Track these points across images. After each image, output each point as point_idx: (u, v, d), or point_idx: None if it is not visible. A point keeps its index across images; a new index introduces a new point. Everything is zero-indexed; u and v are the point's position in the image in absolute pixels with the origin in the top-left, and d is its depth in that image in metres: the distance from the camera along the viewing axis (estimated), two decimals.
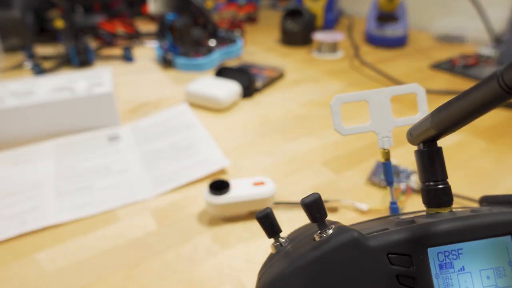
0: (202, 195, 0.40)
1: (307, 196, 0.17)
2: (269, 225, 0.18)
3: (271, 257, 0.19)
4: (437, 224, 0.17)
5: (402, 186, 0.40)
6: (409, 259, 0.16)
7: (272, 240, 0.19)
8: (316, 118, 0.57)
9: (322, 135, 0.52)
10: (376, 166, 0.44)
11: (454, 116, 0.16)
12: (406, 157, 0.45)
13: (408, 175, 0.41)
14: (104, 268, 0.32)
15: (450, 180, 0.19)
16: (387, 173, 0.21)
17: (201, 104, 0.60)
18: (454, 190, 0.38)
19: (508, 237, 0.17)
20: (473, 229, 0.17)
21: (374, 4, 0.89)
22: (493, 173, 0.43)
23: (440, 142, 0.19)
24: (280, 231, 0.19)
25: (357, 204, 0.38)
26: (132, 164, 0.46)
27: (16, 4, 0.82)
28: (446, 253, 0.17)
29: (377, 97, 0.21)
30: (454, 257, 0.17)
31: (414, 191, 0.40)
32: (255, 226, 0.36)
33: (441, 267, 0.17)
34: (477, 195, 0.39)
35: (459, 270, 0.17)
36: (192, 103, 0.60)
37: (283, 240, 0.19)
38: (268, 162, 0.46)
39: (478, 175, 0.43)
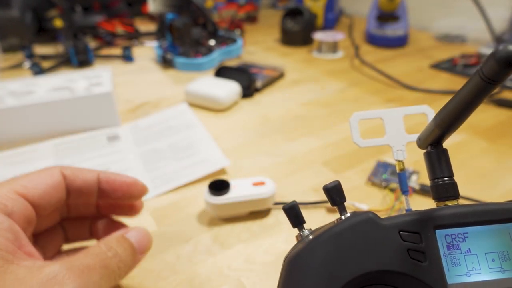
0: (202, 195, 0.40)
1: (329, 183, 0.20)
2: (295, 215, 0.20)
3: (295, 245, 0.20)
4: (444, 209, 0.19)
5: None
6: (418, 236, 0.18)
7: (296, 231, 0.21)
8: (316, 118, 0.57)
9: (322, 135, 0.52)
10: (376, 166, 0.43)
11: (451, 113, 0.17)
12: (407, 158, 0.45)
13: (409, 175, 0.41)
14: None
15: None
16: (402, 183, 0.23)
17: (201, 104, 0.59)
18: None
19: (511, 224, 0.18)
20: (478, 215, 0.18)
21: (375, 3, 0.88)
22: (493, 173, 0.43)
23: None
24: (304, 222, 0.20)
25: (357, 204, 0.38)
26: (131, 164, 0.46)
27: (15, 3, 0.82)
28: (453, 236, 0.18)
29: (391, 115, 0.24)
30: (461, 239, 0.18)
31: (414, 191, 0.40)
32: (255, 226, 0.36)
33: (448, 248, 0.18)
34: (478, 195, 0.38)
35: (465, 252, 0.18)
36: (192, 103, 0.60)
37: (307, 230, 0.20)
38: (268, 162, 0.46)
39: (478, 175, 0.43)
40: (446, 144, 0.21)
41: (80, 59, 0.75)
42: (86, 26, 0.92)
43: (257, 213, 0.38)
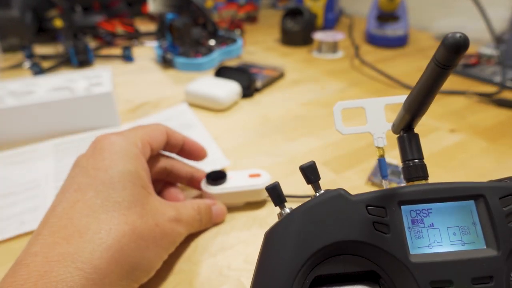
0: (202, 194, 0.40)
1: (304, 163, 0.22)
2: (277, 195, 0.22)
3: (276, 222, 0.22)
4: (410, 187, 0.20)
5: (403, 186, 0.39)
6: (383, 211, 0.20)
7: (278, 209, 0.22)
8: (316, 118, 0.57)
9: (322, 135, 0.52)
10: (376, 166, 0.43)
11: (415, 98, 0.18)
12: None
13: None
14: None
15: (450, 180, 0.21)
16: (381, 168, 0.24)
17: (201, 104, 0.59)
18: None
19: (472, 201, 0.20)
20: (441, 192, 0.20)
21: (375, 3, 0.88)
22: (493, 173, 0.43)
23: (441, 142, 0.20)
24: (285, 201, 0.22)
25: None
26: None
27: (15, 3, 0.82)
28: (418, 211, 0.20)
29: (373, 105, 0.25)
30: (425, 215, 0.20)
31: None
32: (254, 227, 0.36)
33: (413, 222, 0.20)
34: None
35: (428, 226, 0.20)
36: (191, 103, 0.60)
37: (287, 208, 0.22)
38: (268, 162, 0.46)
39: (478, 175, 0.43)
40: (445, 144, 0.22)
41: (80, 59, 0.75)
42: (86, 26, 0.92)
43: (257, 213, 0.38)
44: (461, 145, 0.48)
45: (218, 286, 0.30)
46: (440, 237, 0.19)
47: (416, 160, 0.21)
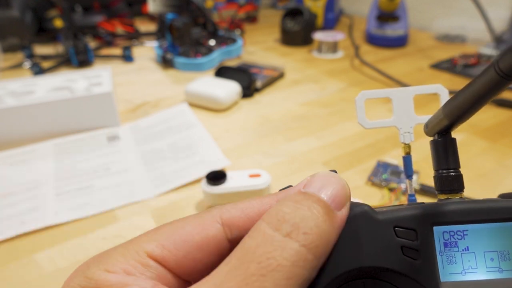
0: (202, 195, 0.40)
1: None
2: None
3: None
4: (445, 205, 0.18)
5: (403, 186, 0.39)
6: (414, 233, 0.17)
7: None
8: (316, 118, 0.57)
9: (322, 135, 0.52)
10: (376, 166, 0.43)
11: (462, 104, 0.16)
12: None
13: None
14: None
15: None
16: (407, 167, 0.21)
17: (201, 104, 0.59)
18: None
19: None
20: (479, 212, 0.18)
21: (375, 3, 0.88)
22: (494, 173, 0.43)
23: None
24: None
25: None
26: (131, 164, 0.46)
27: (15, 3, 0.82)
28: (452, 233, 0.18)
29: (400, 95, 0.22)
30: (459, 237, 0.18)
31: (415, 191, 0.40)
32: None
33: (445, 245, 0.17)
34: (478, 195, 0.38)
35: (463, 250, 0.17)
36: (191, 103, 0.60)
37: None
38: (268, 162, 0.46)
39: (479, 175, 0.43)
40: None
41: (80, 59, 0.75)
42: (86, 26, 0.92)
43: None
44: (461, 145, 0.48)
45: None
46: (475, 262, 0.17)
47: (452, 170, 0.19)
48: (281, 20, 0.90)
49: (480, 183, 0.41)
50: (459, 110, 0.17)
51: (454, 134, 0.20)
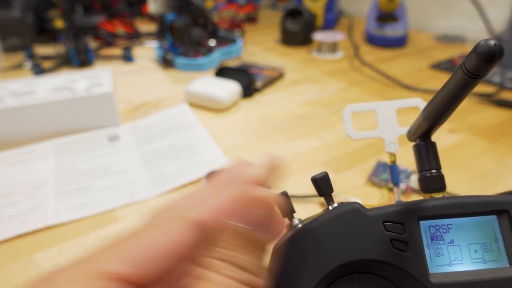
0: None
1: (317, 174, 0.20)
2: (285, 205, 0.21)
3: (285, 234, 0.20)
4: (429, 201, 0.19)
5: (402, 186, 0.40)
6: (402, 227, 0.18)
7: (286, 220, 0.21)
8: (316, 118, 0.57)
9: (322, 135, 0.52)
10: (376, 166, 0.43)
11: (438, 106, 0.17)
12: (406, 158, 0.45)
13: (408, 175, 0.41)
14: None
15: (450, 180, 0.21)
16: (393, 175, 0.23)
17: (201, 104, 0.60)
18: (454, 190, 0.38)
19: (494, 216, 0.19)
20: (461, 207, 0.19)
21: (374, 4, 0.89)
22: (493, 173, 0.43)
23: (440, 142, 0.19)
24: (294, 211, 0.21)
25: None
26: (131, 164, 0.46)
27: (16, 4, 0.82)
28: (437, 227, 0.19)
29: (384, 108, 0.24)
30: (444, 231, 0.19)
31: (414, 191, 0.40)
32: None
33: (432, 238, 0.19)
34: None
35: (448, 243, 0.19)
36: (192, 103, 0.60)
37: (297, 220, 0.21)
38: None
39: (478, 175, 0.43)
40: (445, 144, 0.21)
41: (81, 59, 0.75)
42: (87, 27, 0.92)
43: None
44: (461, 145, 0.48)
45: None
46: (460, 254, 0.18)
47: (434, 171, 0.20)
48: (281, 21, 0.90)
49: (480, 183, 0.41)
50: (436, 111, 0.18)
51: (454, 134, 0.20)
